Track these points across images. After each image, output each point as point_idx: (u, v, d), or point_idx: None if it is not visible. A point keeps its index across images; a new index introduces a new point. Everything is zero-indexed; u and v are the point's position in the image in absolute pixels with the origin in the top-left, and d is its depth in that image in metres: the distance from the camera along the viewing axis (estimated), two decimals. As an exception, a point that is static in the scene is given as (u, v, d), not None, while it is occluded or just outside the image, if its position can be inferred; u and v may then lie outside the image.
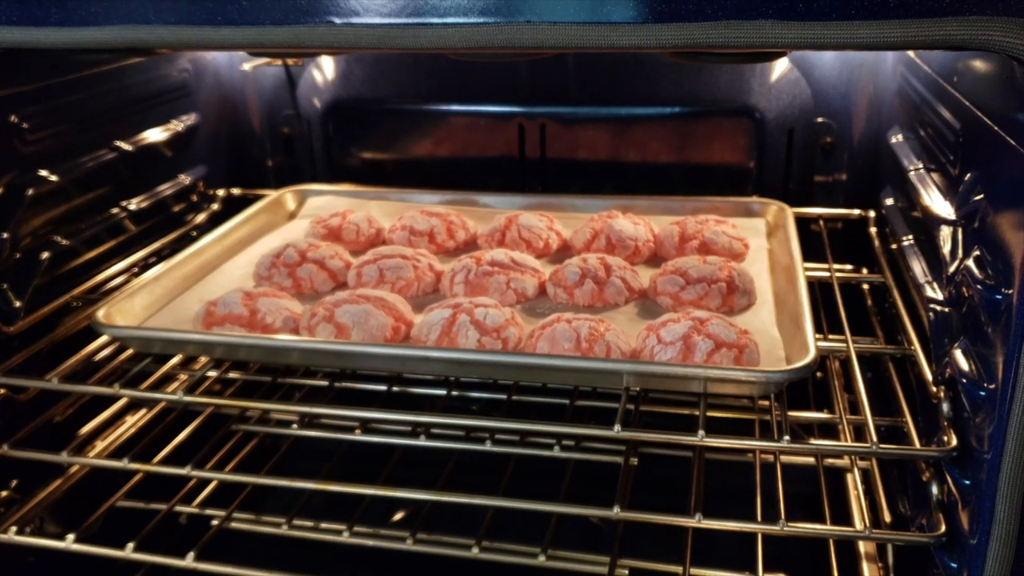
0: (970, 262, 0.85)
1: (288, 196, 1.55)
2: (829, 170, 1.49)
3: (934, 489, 0.90)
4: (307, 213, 1.51)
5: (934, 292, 1.00)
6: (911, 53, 1.24)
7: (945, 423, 0.88)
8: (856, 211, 1.45)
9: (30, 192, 1.18)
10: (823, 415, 1.22)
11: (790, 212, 1.35)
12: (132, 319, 1.13)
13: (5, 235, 1.13)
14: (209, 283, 1.25)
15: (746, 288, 1.13)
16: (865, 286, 1.33)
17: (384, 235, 1.39)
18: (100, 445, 1.19)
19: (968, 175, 0.91)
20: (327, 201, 1.53)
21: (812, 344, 0.94)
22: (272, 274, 1.23)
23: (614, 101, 1.49)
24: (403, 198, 1.52)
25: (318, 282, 1.23)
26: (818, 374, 1.38)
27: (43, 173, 1.20)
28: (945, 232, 0.96)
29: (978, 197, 0.86)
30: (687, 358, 0.96)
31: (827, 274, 1.27)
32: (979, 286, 0.81)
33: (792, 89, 1.44)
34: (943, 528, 0.87)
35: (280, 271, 1.23)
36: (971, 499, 0.82)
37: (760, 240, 1.32)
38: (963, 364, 0.85)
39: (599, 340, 0.98)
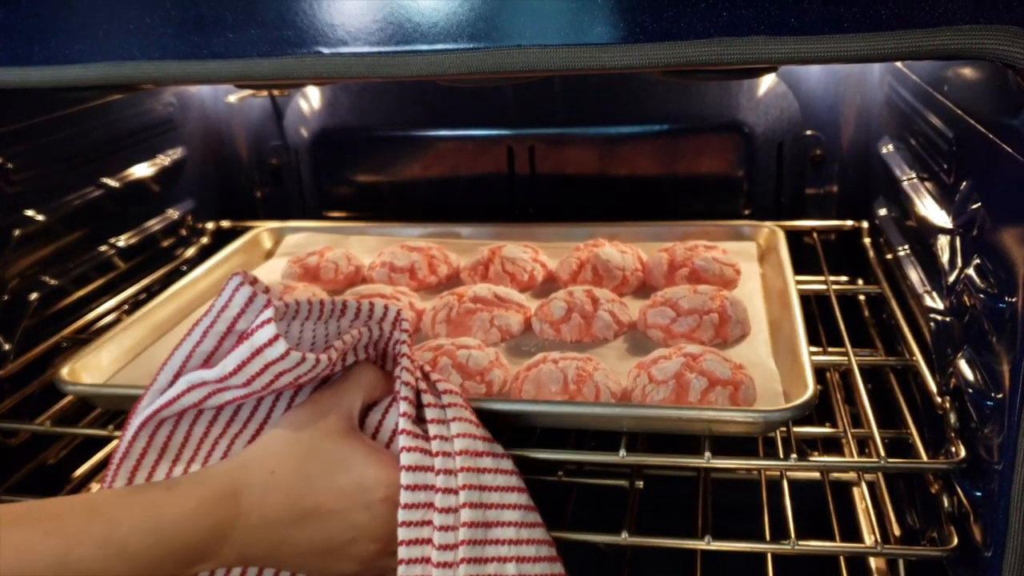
0: (971, 271, 0.85)
1: (264, 234, 1.50)
2: (820, 182, 1.48)
3: (944, 502, 0.89)
4: (285, 251, 1.46)
5: (934, 302, 1.00)
6: (899, 63, 1.24)
7: (952, 434, 0.87)
8: (849, 222, 1.45)
9: (16, 233, 1.16)
10: (826, 429, 1.20)
11: (782, 234, 1.32)
12: (100, 374, 1.07)
13: (-8, 277, 1.12)
14: (180, 332, 1.19)
15: (739, 318, 1.09)
16: (862, 297, 1.32)
17: (364, 272, 1.35)
18: (95, 487, 1.17)
19: (964, 183, 0.90)
20: (305, 238, 1.49)
21: (811, 379, 0.90)
22: None
23: (602, 121, 1.48)
24: (384, 232, 1.48)
25: None
26: (817, 387, 1.37)
27: (29, 213, 1.19)
28: (943, 241, 0.96)
29: (975, 206, 0.85)
30: (680, 398, 0.91)
31: (823, 287, 1.27)
32: (981, 295, 0.81)
33: (780, 103, 1.44)
34: (955, 541, 0.86)
35: None
36: (983, 511, 0.81)
37: (752, 265, 1.29)
38: (968, 374, 0.84)
39: (587, 381, 0.94)
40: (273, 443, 0.79)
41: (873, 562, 1.09)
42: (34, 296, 1.20)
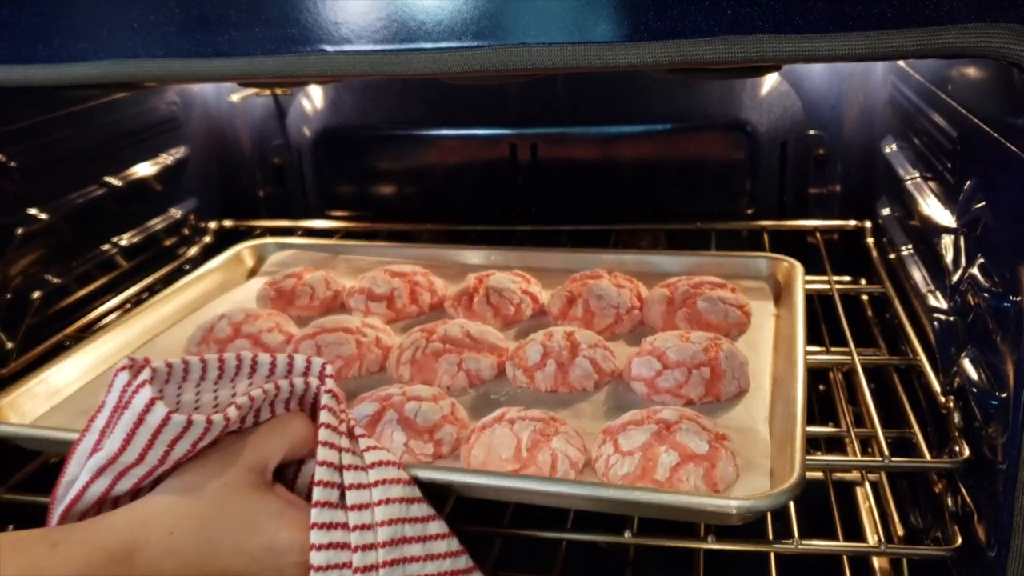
0: (974, 270, 0.84)
1: (245, 252, 1.40)
2: (823, 182, 1.48)
3: (948, 501, 0.89)
4: (269, 270, 1.37)
5: (938, 301, 0.99)
6: (902, 62, 1.24)
7: (956, 433, 0.87)
8: (852, 222, 1.45)
9: (19, 231, 1.17)
10: (829, 429, 1.20)
11: (800, 271, 1.19)
12: (34, 408, 1.00)
13: (-5, 276, 1.12)
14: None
15: (735, 373, 0.96)
16: (865, 297, 1.32)
17: (343, 298, 1.24)
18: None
19: (968, 182, 0.90)
20: (291, 256, 1.40)
21: (799, 462, 0.79)
22: (200, 351, 1.08)
23: (605, 120, 1.48)
24: (374, 252, 1.39)
25: None
26: (821, 387, 1.37)
27: (32, 212, 1.19)
28: (946, 241, 0.96)
29: (979, 205, 0.85)
30: (646, 474, 0.80)
31: (826, 286, 1.26)
32: (985, 294, 0.80)
33: (783, 102, 1.44)
34: (959, 541, 0.85)
35: (209, 348, 1.09)
36: (987, 510, 0.80)
37: (767, 305, 1.16)
38: (972, 373, 0.84)
39: (543, 448, 0.83)
40: (173, 498, 0.73)
41: (876, 562, 1.09)
42: (37, 295, 1.20)
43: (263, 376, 0.80)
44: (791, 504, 0.95)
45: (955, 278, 0.92)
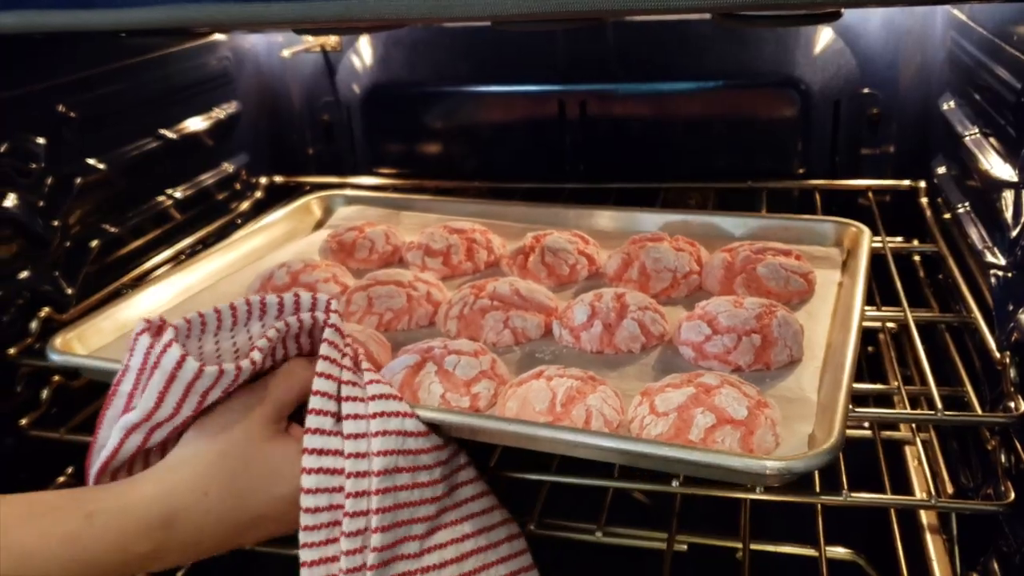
0: (1036, 223, 0.83)
1: (314, 203, 1.41)
2: (876, 142, 1.46)
3: (1001, 457, 0.88)
4: (335, 223, 1.38)
5: (995, 258, 0.98)
6: (963, 16, 1.21)
7: (1012, 389, 0.86)
8: (906, 182, 1.43)
9: (78, 181, 1.19)
10: (877, 386, 1.19)
11: (867, 237, 1.13)
12: (100, 342, 1.04)
13: (56, 223, 1.14)
14: (194, 302, 1.13)
15: (788, 341, 0.92)
16: (917, 257, 1.30)
17: (402, 252, 1.25)
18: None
19: (1031, 135, 0.89)
20: (356, 211, 1.40)
21: (839, 424, 0.76)
22: None
23: (656, 76, 1.47)
24: (435, 208, 1.38)
25: None
26: (870, 348, 1.36)
27: (91, 162, 1.22)
28: (1007, 196, 0.94)
29: (1043, 156, 0.84)
30: (680, 435, 0.78)
31: (879, 245, 1.25)
32: (1047, 246, 0.79)
33: (837, 60, 1.42)
34: (1012, 496, 0.85)
35: (267, 294, 1.12)
36: (1042, 465, 0.80)
37: (833, 273, 1.11)
38: (1030, 328, 0.83)
39: (578, 403, 0.82)
40: (199, 460, 0.76)
41: (924, 518, 1.08)
42: (95, 243, 1.23)
43: (273, 316, 0.82)
44: (840, 457, 0.95)
45: (1015, 233, 0.91)
